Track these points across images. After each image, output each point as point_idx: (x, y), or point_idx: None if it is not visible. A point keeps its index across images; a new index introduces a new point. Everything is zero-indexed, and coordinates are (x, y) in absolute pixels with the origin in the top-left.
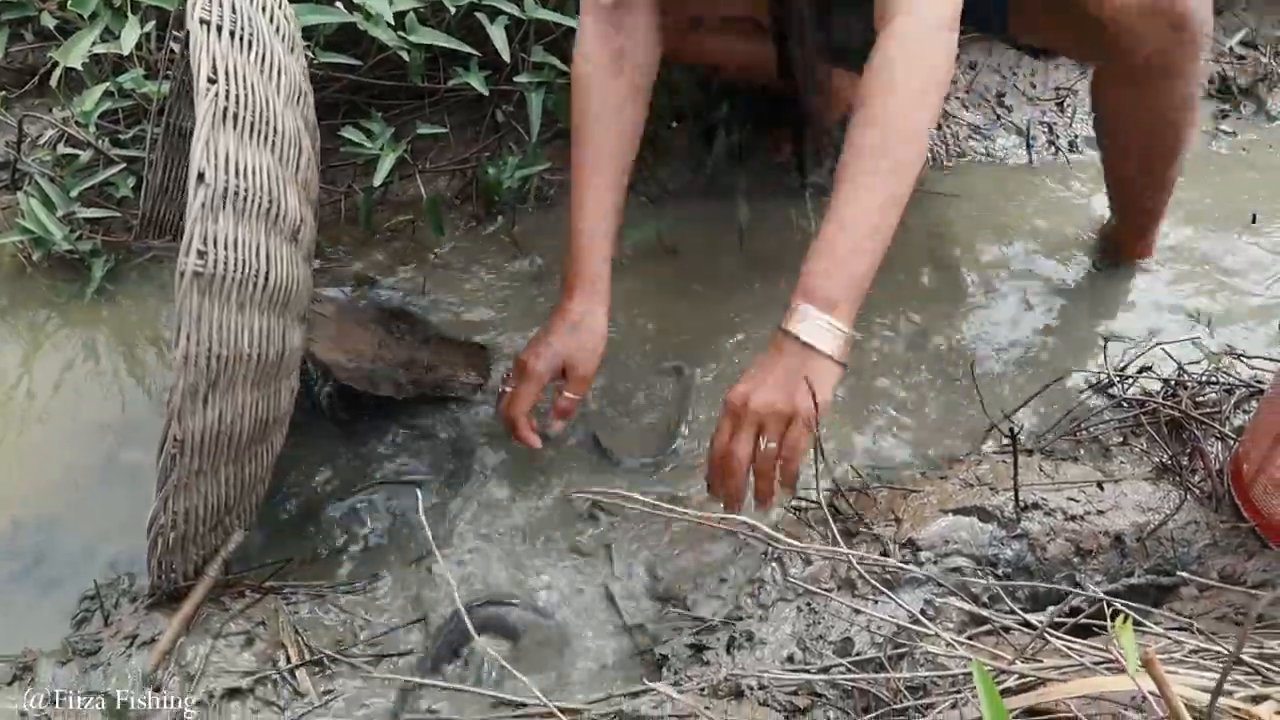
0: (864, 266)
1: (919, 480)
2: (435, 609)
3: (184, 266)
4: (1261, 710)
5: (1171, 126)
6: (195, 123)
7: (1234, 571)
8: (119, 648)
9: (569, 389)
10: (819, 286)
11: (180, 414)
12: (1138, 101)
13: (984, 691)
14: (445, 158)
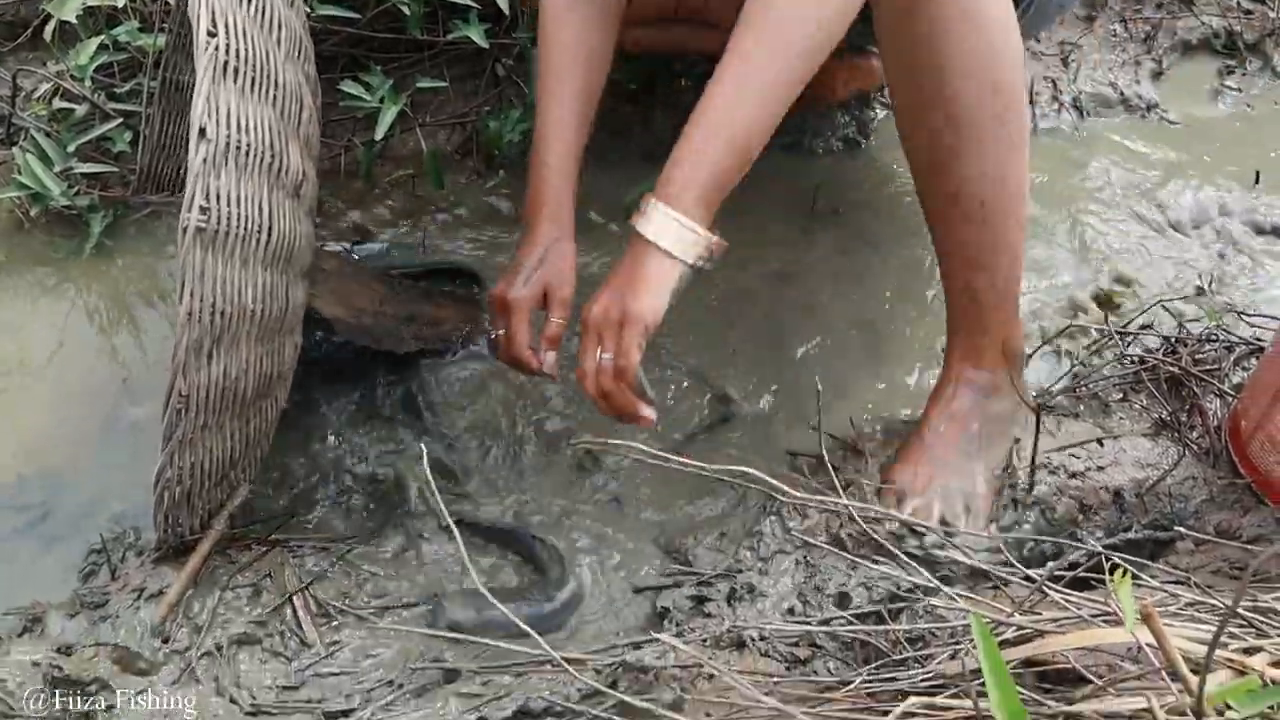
0: (724, 163)
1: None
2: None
3: (186, 222)
4: (1255, 661)
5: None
6: (195, 77)
7: (1230, 527)
8: (127, 600)
9: (554, 314)
10: (672, 180)
11: (185, 369)
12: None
13: (982, 643)
14: (445, 112)
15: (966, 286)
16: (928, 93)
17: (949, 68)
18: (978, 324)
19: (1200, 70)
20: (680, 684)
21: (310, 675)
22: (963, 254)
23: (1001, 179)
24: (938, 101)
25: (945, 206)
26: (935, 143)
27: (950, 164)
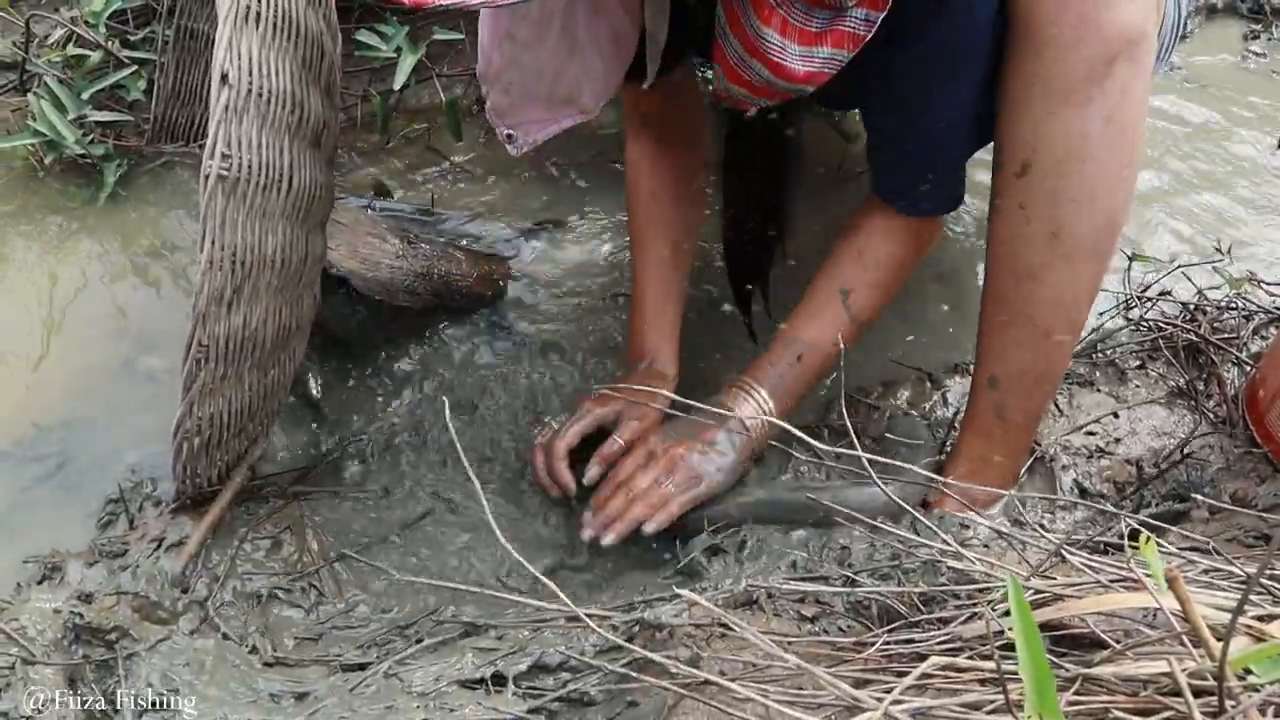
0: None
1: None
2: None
3: (209, 170)
4: (1273, 628)
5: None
6: (216, 23)
7: (1246, 495)
8: (146, 550)
9: (619, 433)
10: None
11: (205, 319)
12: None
13: (1016, 605)
14: (461, 64)
15: (999, 404)
16: (1041, 200)
17: (1080, 186)
18: (999, 443)
19: (1225, 34)
20: (695, 641)
21: (329, 628)
22: (1005, 370)
23: (1074, 317)
24: (1050, 213)
25: (1008, 321)
26: (1027, 252)
27: (1030, 282)
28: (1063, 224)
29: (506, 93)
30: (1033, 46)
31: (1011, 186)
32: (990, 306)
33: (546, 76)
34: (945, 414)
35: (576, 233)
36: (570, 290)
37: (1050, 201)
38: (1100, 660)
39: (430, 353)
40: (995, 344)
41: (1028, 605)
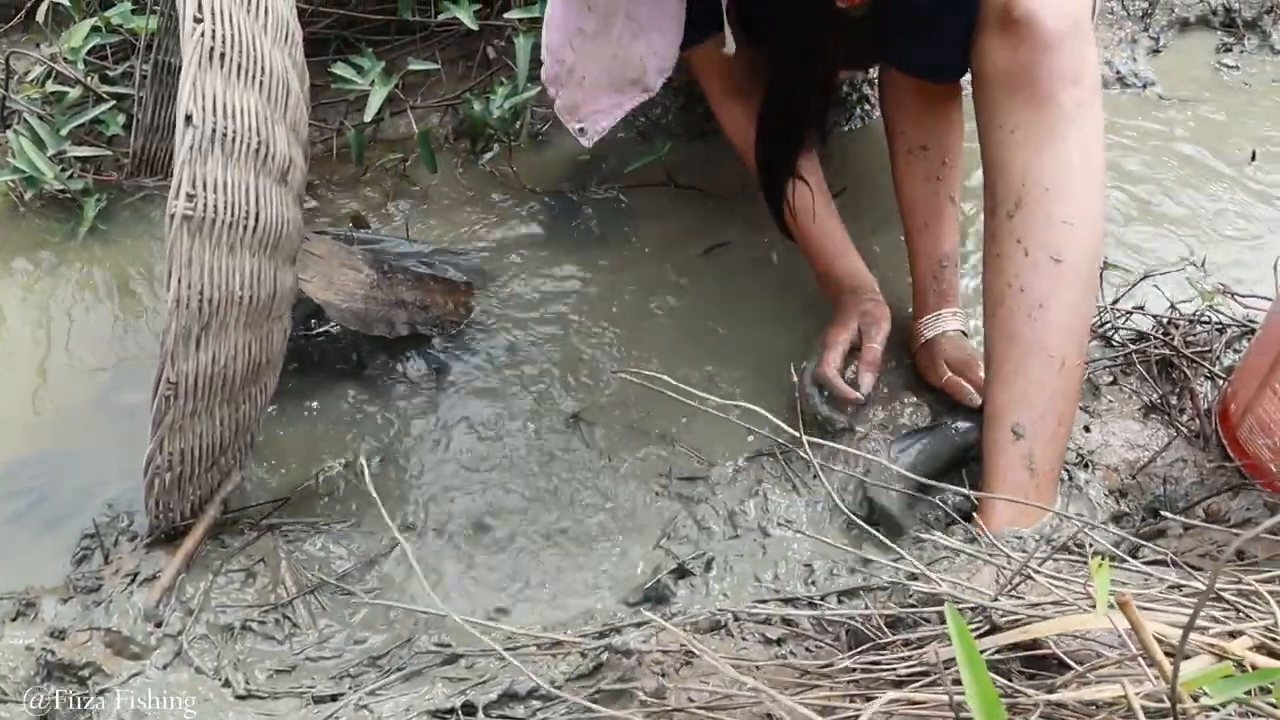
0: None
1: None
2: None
3: (174, 210)
4: (1235, 645)
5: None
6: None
7: (1219, 510)
8: (120, 585)
9: (874, 340)
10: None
11: (173, 357)
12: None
13: (956, 633)
14: (437, 94)
15: (1028, 455)
16: (1038, 229)
17: (1071, 209)
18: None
19: (1198, 47)
20: (662, 668)
21: (302, 659)
22: (1029, 415)
23: (1082, 341)
24: (1047, 239)
25: (1023, 360)
26: (1033, 283)
27: (1040, 312)
28: (1061, 248)
29: (580, 86)
30: (1007, 98)
31: (1005, 227)
32: (999, 352)
33: (617, 61)
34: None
35: (550, 258)
36: (541, 316)
37: (1046, 227)
38: (1061, 684)
39: (405, 380)
40: (1013, 392)
41: (969, 633)
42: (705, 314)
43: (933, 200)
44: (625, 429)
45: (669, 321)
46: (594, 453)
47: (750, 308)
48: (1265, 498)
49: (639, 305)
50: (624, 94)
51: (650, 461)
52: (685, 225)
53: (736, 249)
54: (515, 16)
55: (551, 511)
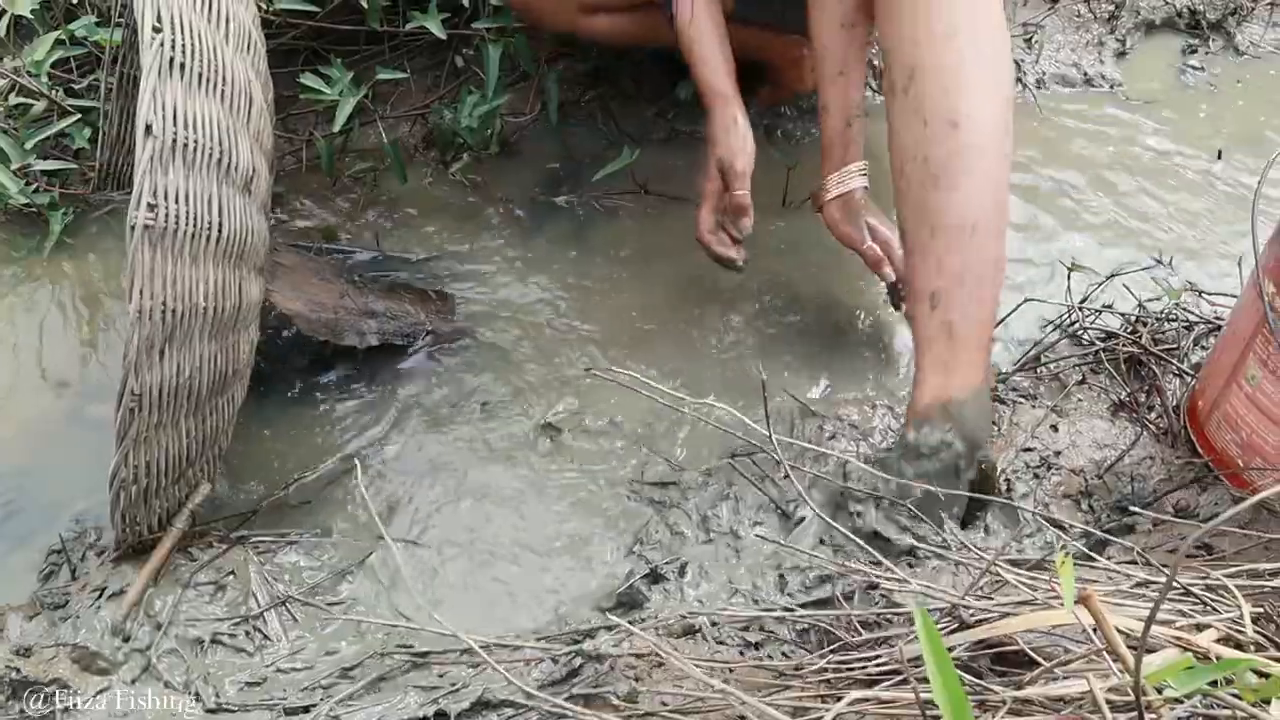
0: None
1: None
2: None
3: (134, 220)
4: (1201, 638)
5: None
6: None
7: (1188, 505)
8: (87, 600)
9: (735, 185)
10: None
11: (137, 369)
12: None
13: (923, 631)
14: (406, 104)
15: (947, 322)
16: (934, 97)
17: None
18: (957, 368)
19: (1163, 49)
20: (636, 672)
21: (273, 671)
22: (944, 282)
23: (998, 201)
24: (945, 105)
25: (935, 229)
26: (935, 152)
27: (945, 180)
28: (958, 111)
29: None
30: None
31: (902, 102)
32: (911, 228)
33: None
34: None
35: (521, 266)
36: (512, 323)
37: (943, 95)
38: (1029, 680)
39: (375, 390)
40: (927, 262)
41: (937, 633)
42: (677, 318)
43: (846, 47)
44: (597, 434)
45: (641, 327)
46: (566, 458)
47: (722, 311)
48: (1233, 493)
49: (611, 311)
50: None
51: (622, 466)
52: (655, 231)
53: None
54: (483, 25)
55: (524, 518)
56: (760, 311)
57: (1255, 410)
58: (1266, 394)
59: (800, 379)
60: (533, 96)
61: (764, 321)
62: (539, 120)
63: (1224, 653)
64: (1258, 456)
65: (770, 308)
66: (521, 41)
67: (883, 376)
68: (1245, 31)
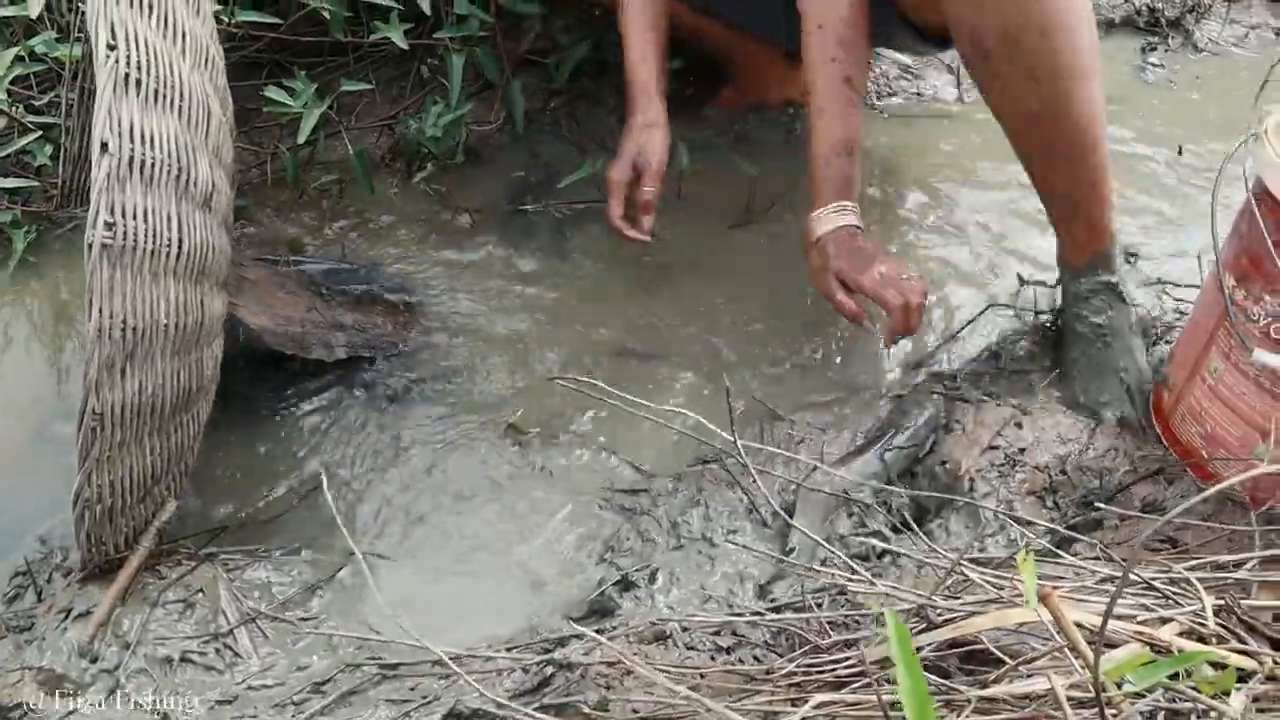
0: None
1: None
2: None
3: (92, 239)
4: (1163, 632)
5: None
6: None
7: (1155, 499)
8: (53, 622)
9: (645, 184)
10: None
11: (97, 387)
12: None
13: (894, 634)
14: (372, 115)
15: (1084, 211)
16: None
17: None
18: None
19: (1123, 47)
20: (607, 680)
21: (244, 688)
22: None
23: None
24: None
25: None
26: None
27: (1070, 111)
28: (1063, 65)
29: None
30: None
31: (1003, 68)
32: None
33: None
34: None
35: (489, 276)
36: (480, 333)
37: (1051, 54)
38: (994, 679)
39: (343, 404)
40: (1058, 173)
41: (908, 635)
42: (644, 325)
43: (832, 83)
44: (567, 442)
45: (608, 334)
46: (535, 467)
47: (689, 316)
48: (1200, 485)
49: (577, 318)
50: None
51: (592, 474)
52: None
53: (674, 259)
54: (447, 35)
55: (493, 528)
56: (726, 319)
57: (1218, 402)
58: (1229, 386)
59: (767, 385)
60: (498, 105)
61: (730, 329)
62: (504, 129)
63: (1185, 646)
64: (1221, 448)
65: (735, 315)
66: (485, 51)
67: (847, 381)
68: (1204, 29)
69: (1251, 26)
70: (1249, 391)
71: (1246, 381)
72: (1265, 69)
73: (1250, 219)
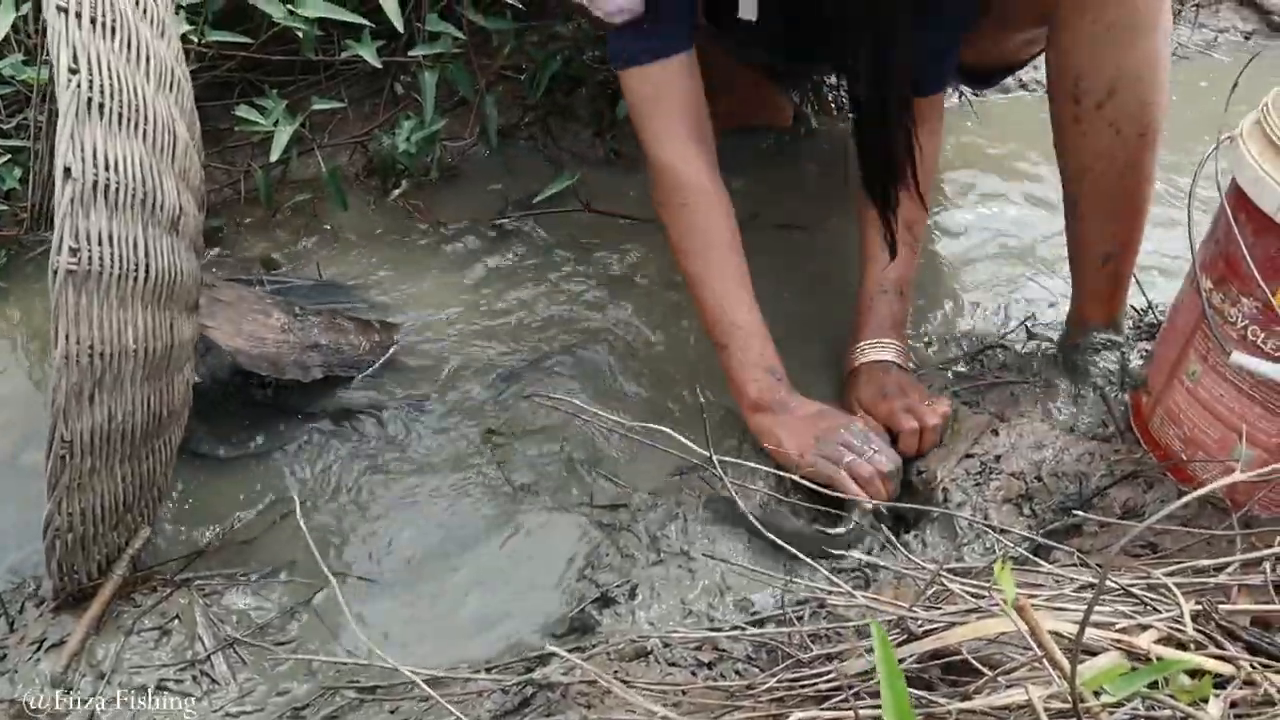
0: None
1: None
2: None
3: (56, 265)
4: (1141, 639)
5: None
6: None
7: (1135, 504)
8: (25, 654)
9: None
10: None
11: (65, 415)
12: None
13: (879, 647)
14: (345, 132)
15: (1115, 274)
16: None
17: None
18: (1112, 299)
19: None
20: (588, 699)
21: (222, 715)
22: (1117, 245)
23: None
24: (1140, 118)
25: (1115, 207)
26: (1123, 153)
27: (1129, 170)
28: (1148, 124)
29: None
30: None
31: (1093, 115)
32: (1091, 203)
33: None
34: None
35: (464, 292)
36: (457, 350)
37: (1140, 110)
38: (975, 690)
39: (320, 424)
40: (1104, 229)
41: (891, 650)
42: (622, 339)
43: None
44: (544, 459)
45: (588, 349)
46: (514, 485)
47: (667, 332)
48: (1180, 489)
49: (556, 333)
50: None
51: (570, 490)
52: (600, 251)
53: (652, 271)
54: (419, 53)
55: (472, 548)
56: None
57: (1196, 405)
58: (1207, 389)
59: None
60: (472, 120)
61: (707, 343)
62: (479, 144)
63: (1164, 653)
64: (1200, 451)
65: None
66: (458, 67)
67: (819, 397)
68: (1173, 34)
69: (1220, 30)
70: (1227, 394)
71: (1224, 384)
72: (1235, 73)
73: (1225, 222)
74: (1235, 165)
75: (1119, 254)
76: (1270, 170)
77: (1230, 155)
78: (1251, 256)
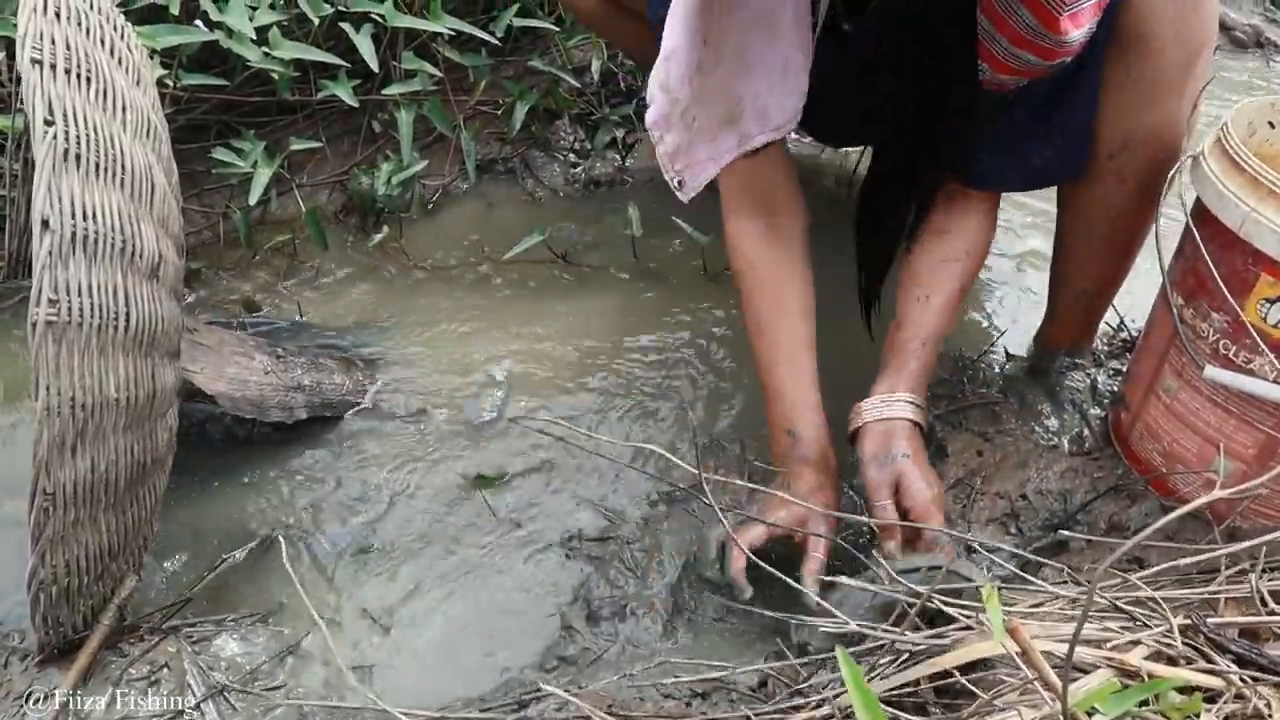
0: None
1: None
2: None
3: (35, 317)
4: (1132, 656)
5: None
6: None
7: (1120, 519)
8: (11, 710)
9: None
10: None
11: (48, 466)
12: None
13: (848, 675)
14: (323, 171)
15: (1089, 309)
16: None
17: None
18: (1083, 329)
19: None
20: None
21: None
22: (1097, 284)
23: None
24: (1145, 177)
25: (1103, 247)
26: (1123, 202)
27: (1122, 219)
28: (1154, 182)
29: (688, 128)
30: (1138, 51)
31: (1102, 163)
32: (1081, 244)
33: (717, 99)
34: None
35: (444, 330)
36: (439, 388)
37: (1149, 167)
38: (969, 714)
39: (305, 465)
40: (1086, 267)
41: (862, 677)
42: (603, 375)
43: (941, 277)
44: (532, 493)
45: (567, 384)
46: (502, 521)
47: (648, 369)
48: (1162, 502)
49: (535, 371)
50: (719, 143)
51: (558, 523)
52: (576, 290)
53: (634, 309)
54: (396, 92)
55: (460, 584)
56: (687, 372)
57: (1174, 419)
58: (1184, 403)
59: (729, 430)
60: (450, 156)
61: (691, 380)
62: (458, 179)
63: (1155, 669)
64: (1180, 464)
65: (696, 367)
66: (435, 104)
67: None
68: None
69: None
70: (1203, 408)
71: (1200, 398)
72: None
73: (1192, 239)
74: (1198, 183)
75: (1097, 291)
76: (1232, 187)
77: (1194, 173)
78: (1218, 272)
